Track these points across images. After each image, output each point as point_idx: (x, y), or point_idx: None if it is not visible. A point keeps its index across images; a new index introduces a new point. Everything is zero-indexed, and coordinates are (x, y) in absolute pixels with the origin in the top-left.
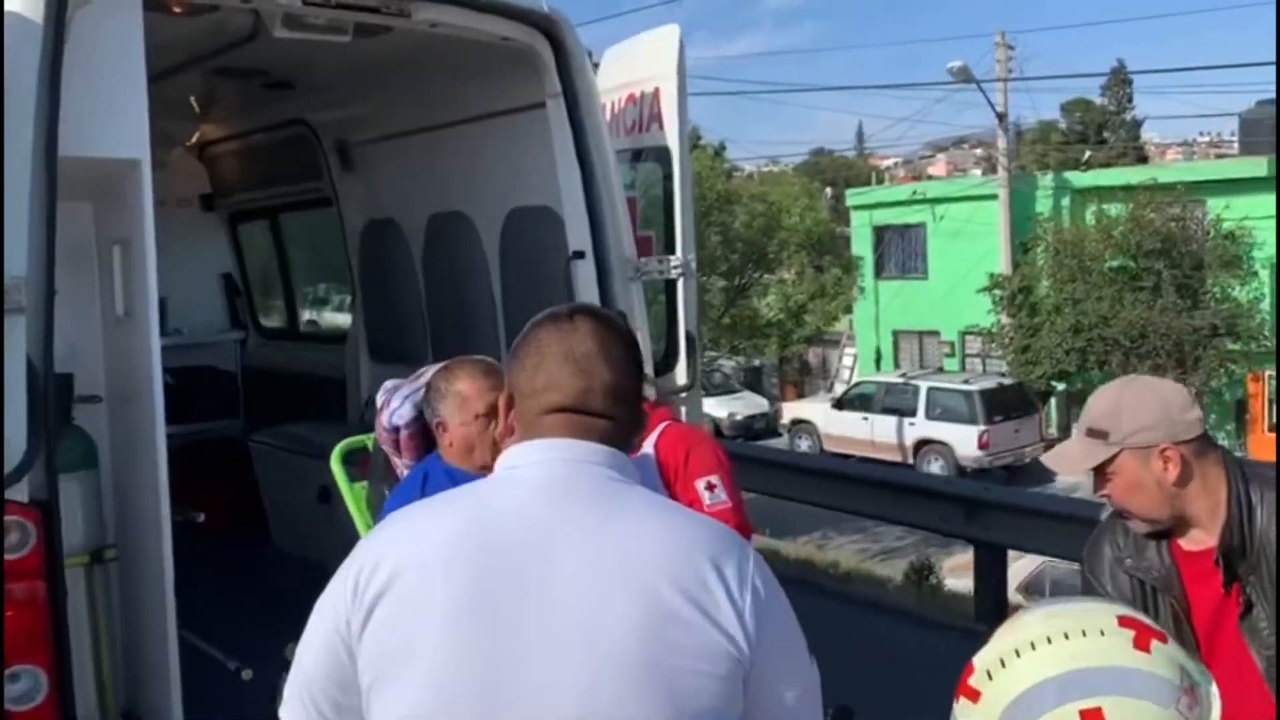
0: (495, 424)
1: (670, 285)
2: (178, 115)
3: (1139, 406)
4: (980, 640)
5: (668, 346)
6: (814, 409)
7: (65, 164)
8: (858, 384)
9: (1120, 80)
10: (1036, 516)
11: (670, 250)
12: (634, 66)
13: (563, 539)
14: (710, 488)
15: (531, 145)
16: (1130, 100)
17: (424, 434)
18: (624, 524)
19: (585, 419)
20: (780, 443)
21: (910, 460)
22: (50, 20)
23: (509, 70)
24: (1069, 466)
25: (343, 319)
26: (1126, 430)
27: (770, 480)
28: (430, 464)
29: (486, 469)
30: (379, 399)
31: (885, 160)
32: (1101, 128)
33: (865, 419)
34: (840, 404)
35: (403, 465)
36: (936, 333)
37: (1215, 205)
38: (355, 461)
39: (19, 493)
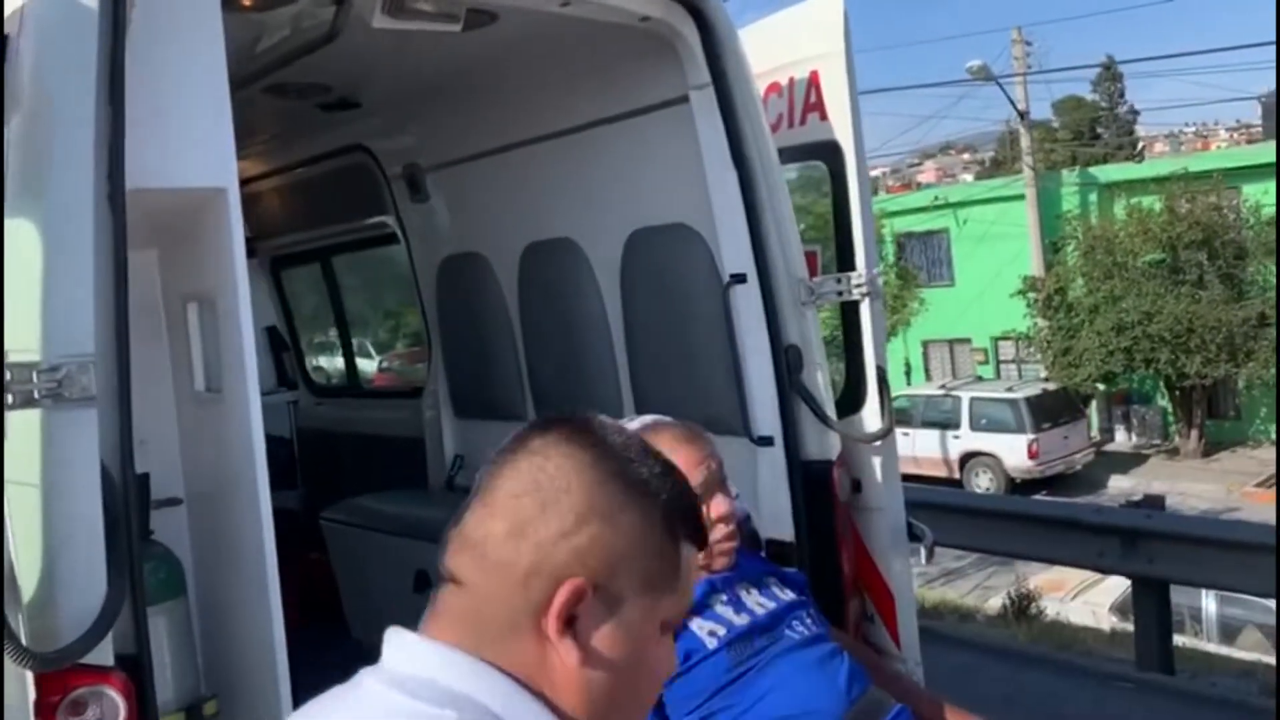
0: (709, 506)
1: (850, 309)
2: None
3: None
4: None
5: (850, 382)
6: None
7: (131, 199)
8: (894, 399)
9: (1111, 76)
10: (1204, 545)
11: (847, 266)
12: (779, 48)
13: None
14: None
15: (666, 150)
16: (1122, 95)
17: None
18: None
19: (441, 591)
20: None
21: (957, 475)
22: (107, 9)
23: (642, 60)
24: None
25: (415, 371)
26: None
27: None
28: None
29: (701, 570)
30: None
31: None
32: (1095, 124)
33: (906, 434)
34: None
35: None
36: (968, 340)
37: (1252, 191)
38: None
39: (102, 652)
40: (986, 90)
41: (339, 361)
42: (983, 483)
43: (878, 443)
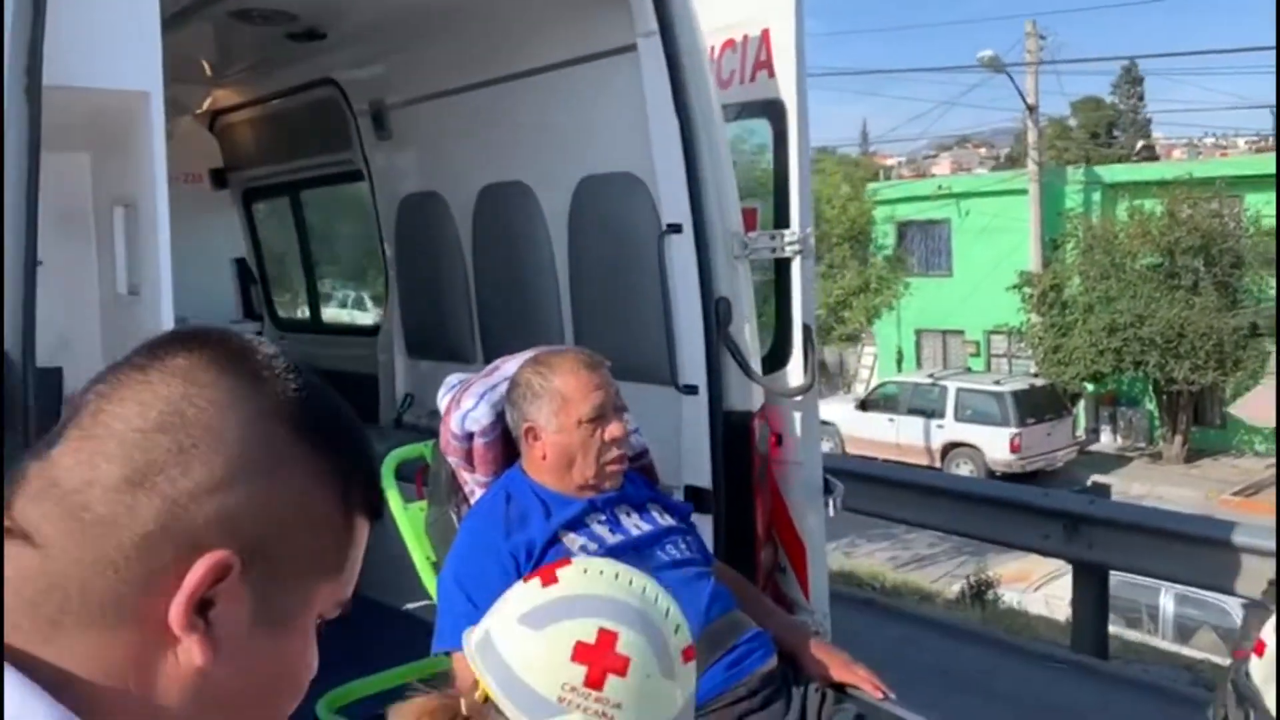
0: (604, 430)
1: (782, 266)
2: (186, 78)
3: None
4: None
5: (778, 339)
6: (836, 410)
7: (52, 96)
8: (882, 384)
9: (1131, 79)
10: (1147, 534)
11: (782, 224)
12: (734, 4)
13: None
14: None
15: (614, 98)
16: (1141, 99)
17: (504, 443)
18: None
19: (8, 546)
20: None
21: (938, 464)
22: None
23: (594, 6)
24: None
25: (374, 309)
26: None
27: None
28: (512, 481)
29: (587, 489)
30: (443, 398)
31: (889, 159)
32: (1112, 126)
33: (891, 420)
34: (864, 405)
35: (474, 482)
36: (961, 332)
37: (1254, 201)
38: (408, 476)
39: None
40: (1002, 81)
41: (304, 296)
42: (962, 473)
43: (799, 398)
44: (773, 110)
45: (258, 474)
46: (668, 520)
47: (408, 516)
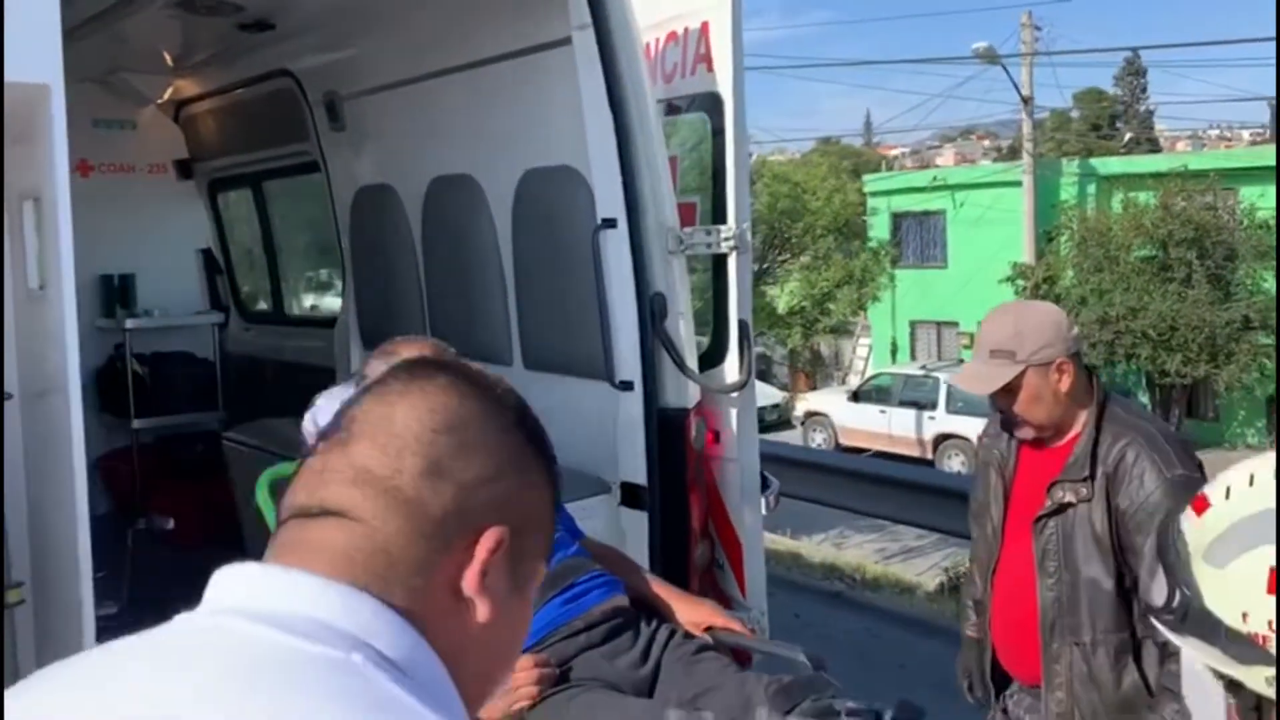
0: None
1: (719, 261)
2: (146, 68)
3: (1038, 326)
4: None
5: (715, 336)
6: (829, 401)
7: None
8: (875, 376)
9: (1134, 71)
10: None
11: (720, 219)
12: None
13: None
14: None
15: (551, 92)
16: (1144, 90)
17: None
18: None
19: (310, 525)
20: (794, 435)
21: (930, 456)
22: None
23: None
24: (984, 387)
25: (332, 300)
26: (1030, 349)
27: (818, 486)
28: None
29: None
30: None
31: (893, 150)
32: (1114, 118)
33: (883, 412)
34: (857, 396)
35: None
36: (955, 324)
37: (1249, 194)
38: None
39: None
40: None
41: (267, 287)
42: (954, 465)
43: (735, 394)
44: (710, 103)
45: (515, 472)
46: None
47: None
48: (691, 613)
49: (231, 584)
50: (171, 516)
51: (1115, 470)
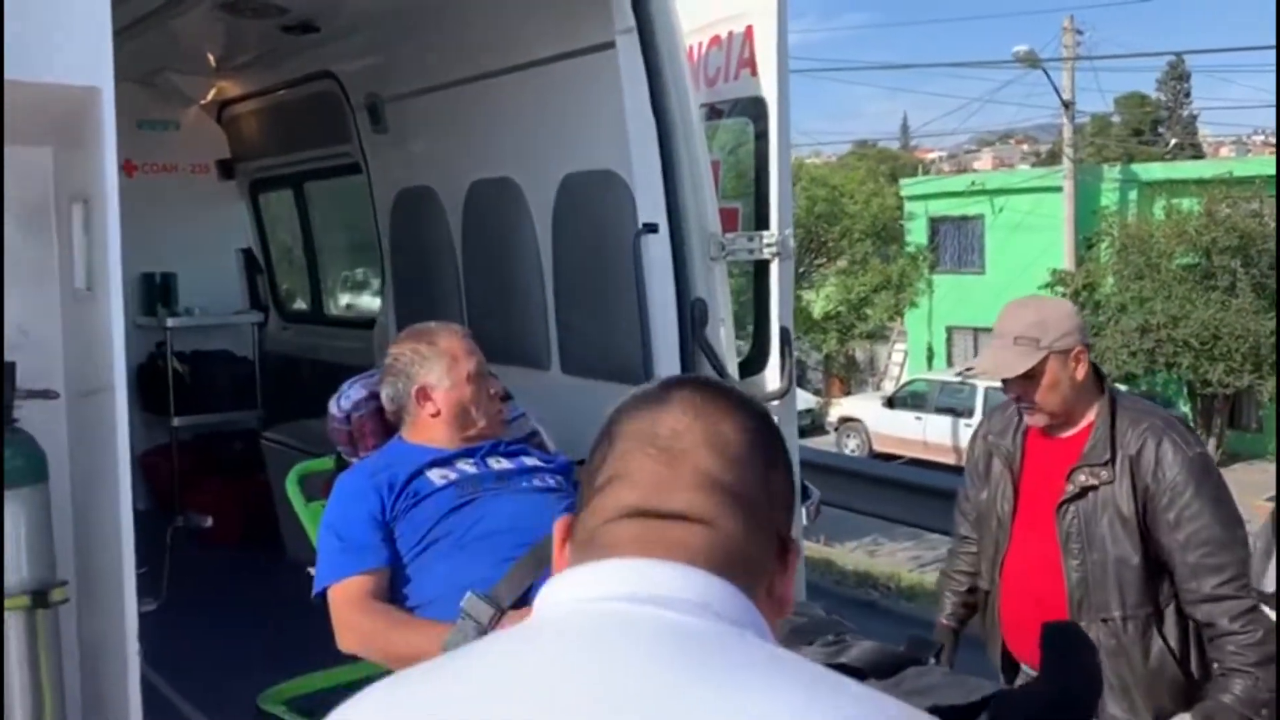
0: (486, 384)
1: (761, 268)
2: (190, 69)
3: (1059, 316)
4: None
5: (756, 342)
6: (863, 407)
7: (10, 90)
8: (910, 382)
9: (1177, 75)
10: None
11: (762, 225)
12: (719, 1)
13: None
14: None
15: (594, 96)
16: (1188, 95)
17: (380, 418)
18: (729, 706)
19: (667, 526)
20: (827, 441)
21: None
22: None
23: (572, 2)
24: (1008, 371)
25: (372, 301)
26: (1053, 336)
27: (851, 493)
28: (390, 446)
29: (480, 437)
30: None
31: (930, 154)
32: (1156, 123)
33: (918, 418)
34: (892, 402)
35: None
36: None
37: None
38: (315, 488)
39: None
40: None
41: (307, 287)
42: None
43: (776, 402)
44: (754, 109)
45: (785, 471)
46: (538, 464)
47: (309, 512)
48: None
49: (612, 575)
50: (210, 514)
51: (1139, 453)
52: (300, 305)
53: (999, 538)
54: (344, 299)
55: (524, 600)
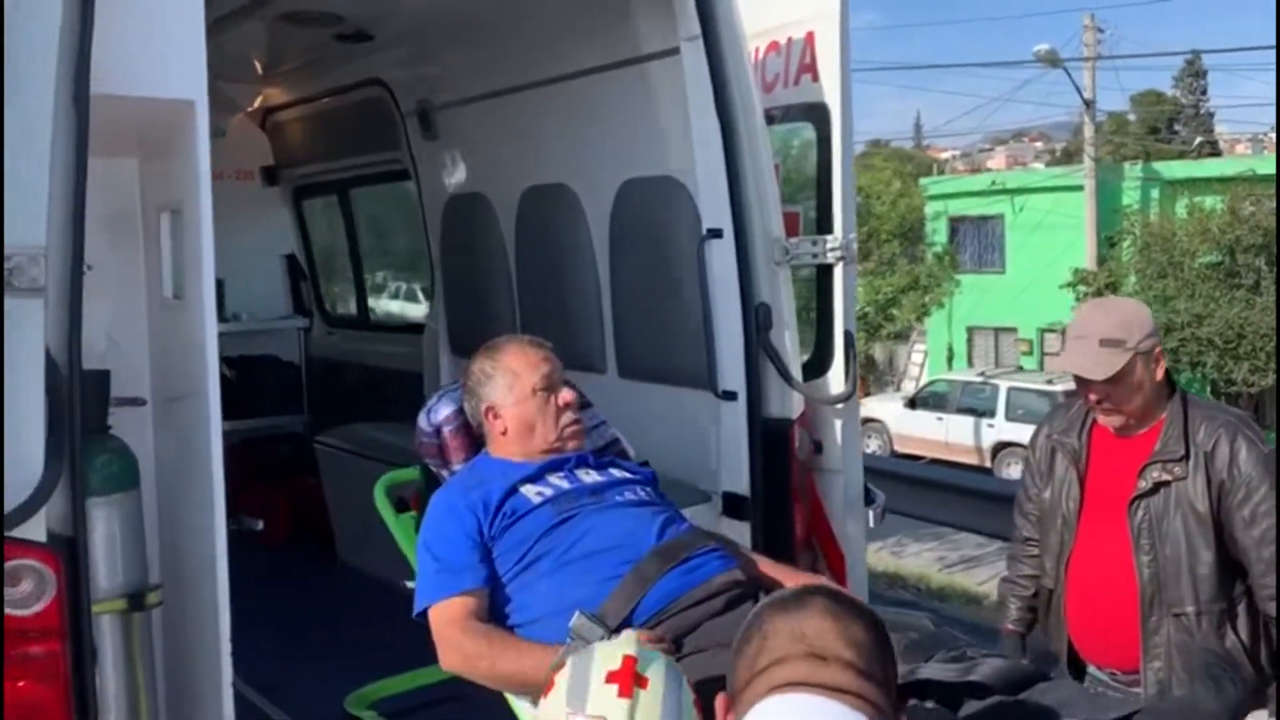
0: (556, 397)
1: (824, 272)
2: (238, 76)
3: (1140, 318)
4: None
5: (819, 347)
6: (884, 407)
7: (101, 104)
8: (932, 382)
9: (1194, 72)
10: None
11: (825, 230)
12: (780, 6)
13: None
14: None
15: (654, 102)
16: (1205, 93)
17: (469, 432)
18: None
19: (826, 694)
20: None
21: (988, 464)
22: None
23: (638, 10)
24: (1101, 372)
25: (419, 307)
26: (1138, 337)
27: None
28: (478, 460)
29: (550, 452)
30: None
31: (944, 153)
32: (1172, 121)
33: (940, 419)
34: (913, 403)
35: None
36: (1014, 329)
37: None
38: (404, 498)
39: (34, 529)
40: (1058, 75)
41: (352, 293)
42: (1014, 474)
43: (840, 405)
44: (816, 113)
45: (894, 660)
46: (626, 476)
47: (400, 524)
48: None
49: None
50: (260, 518)
51: (1214, 449)
52: (344, 310)
53: (1064, 536)
54: (388, 304)
55: (629, 620)
